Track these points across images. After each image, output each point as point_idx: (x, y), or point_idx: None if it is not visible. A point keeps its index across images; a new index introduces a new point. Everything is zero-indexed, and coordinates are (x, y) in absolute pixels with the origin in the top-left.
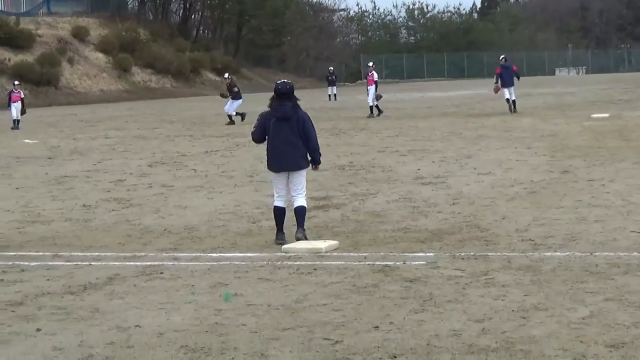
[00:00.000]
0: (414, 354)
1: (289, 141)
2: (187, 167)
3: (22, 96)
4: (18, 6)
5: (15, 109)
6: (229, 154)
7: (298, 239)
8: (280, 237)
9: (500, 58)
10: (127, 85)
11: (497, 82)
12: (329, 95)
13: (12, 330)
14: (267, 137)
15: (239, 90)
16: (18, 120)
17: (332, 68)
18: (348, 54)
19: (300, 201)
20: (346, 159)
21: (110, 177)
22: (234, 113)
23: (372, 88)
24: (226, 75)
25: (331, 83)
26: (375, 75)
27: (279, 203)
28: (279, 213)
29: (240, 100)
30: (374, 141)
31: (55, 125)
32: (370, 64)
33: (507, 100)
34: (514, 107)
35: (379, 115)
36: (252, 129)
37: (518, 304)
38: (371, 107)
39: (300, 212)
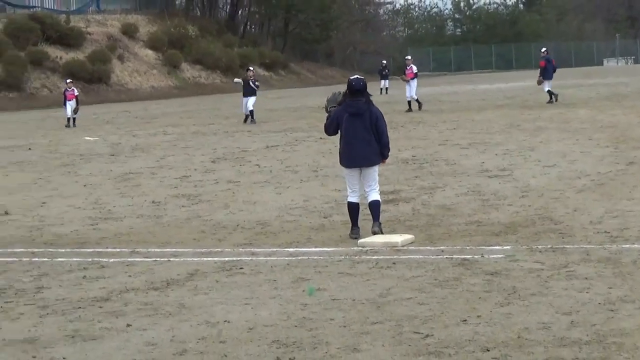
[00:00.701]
0: (506, 347)
1: (361, 137)
2: (250, 163)
3: (77, 94)
4: (68, 4)
5: (70, 107)
6: (290, 149)
7: (374, 233)
8: (355, 232)
9: (543, 51)
10: (177, 81)
11: (541, 75)
12: (381, 89)
13: (103, 325)
14: (339, 133)
15: (259, 84)
16: (72, 119)
17: (384, 62)
18: (394, 47)
19: (374, 195)
20: (408, 153)
21: (175, 173)
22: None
23: (414, 82)
24: (251, 67)
25: (384, 77)
26: (415, 68)
27: (352, 198)
28: (353, 208)
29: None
30: (433, 134)
31: (111, 122)
32: (409, 57)
33: (549, 92)
34: (556, 97)
35: (419, 109)
36: (325, 122)
37: (603, 296)
38: (409, 102)
39: (374, 206)
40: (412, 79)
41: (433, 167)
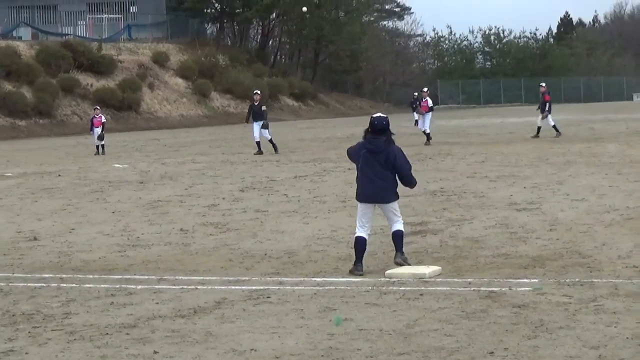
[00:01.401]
0: None
1: (377, 173)
2: (278, 192)
3: (104, 120)
4: (100, 32)
5: (96, 134)
6: (318, 179)
7: (397, 264)
8: (359, 269)
9: (544, 85)
10: (206, 110)
11: (549, 110)
12: (416, 121)
13: (130, 352)
14: (357, 167)
15: (266, 110)
16: (101, 146)
17: (416, 93)
18: (424, 79)
19: (397, 226)
20: (436, 185)
21: (203, 201)
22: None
23: (428, 115)
24: (257, 91)
25: (415, 109)
26: (430, 102)
27: (360, 233)
28: (359, 243)
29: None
30: (461, 167)
31: (140, 150)
32: (425, 89)
33: (554, 126)
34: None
35: (426, 143)
36: (351, 147)
37: (631, 331)
38: (427, 134)
39: (397, 236)
40: (427, 112)
41: (461, 200)
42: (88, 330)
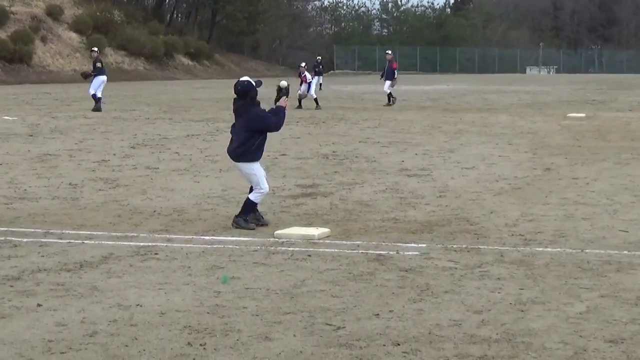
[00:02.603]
0: (417, 342)
1: (235, 133)
2: (170, 150)
3: None
4: None
5: None
6: (210, 139)
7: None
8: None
9: (390, 53)
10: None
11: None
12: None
13: (13, 304)
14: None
15: (102, 66)
16: None
17: (319, 57)
18: (321, 44)
19: (250, 193)
20: (328, 148)
21: (93, 157)
22: (96, 93)
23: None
24: (95, 49)
25: (318, 73)
26: (308, 76)
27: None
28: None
29: (104, 78)
30: (354, 131)
31: (31, 103)
32: (303, 64)
33: (390, 94)
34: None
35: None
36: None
37: (514, 297)
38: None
39: (244, 202)
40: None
41: (353, 164)
42: None
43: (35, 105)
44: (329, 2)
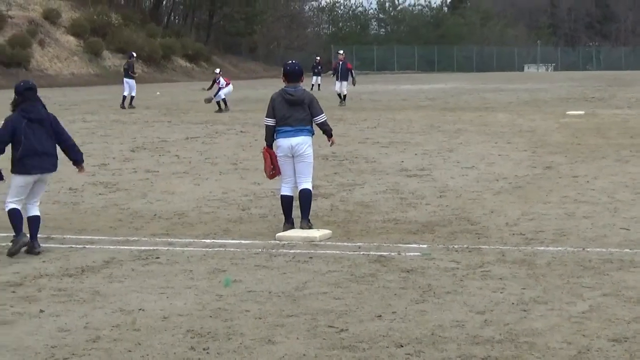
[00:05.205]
0: (420, 344)
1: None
2: (169, 153)
3: None
4: None
5: None
6: (210, 141)
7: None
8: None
9: (342, 53)
10: (97, 69)
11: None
12: (312, 85)
13: (15, 310)
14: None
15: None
16: None
17: (318, 57)
18: (319, 44)
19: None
20: (328, 149)
21: (93, 161)
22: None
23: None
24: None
25: (317, 73)
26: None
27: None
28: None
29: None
30: (354, 132)
31: None
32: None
33: (342, 95)
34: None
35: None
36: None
37: (517, 296)
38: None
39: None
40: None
41: (353, 165)
42: None
43: None
44: (326, 2)
